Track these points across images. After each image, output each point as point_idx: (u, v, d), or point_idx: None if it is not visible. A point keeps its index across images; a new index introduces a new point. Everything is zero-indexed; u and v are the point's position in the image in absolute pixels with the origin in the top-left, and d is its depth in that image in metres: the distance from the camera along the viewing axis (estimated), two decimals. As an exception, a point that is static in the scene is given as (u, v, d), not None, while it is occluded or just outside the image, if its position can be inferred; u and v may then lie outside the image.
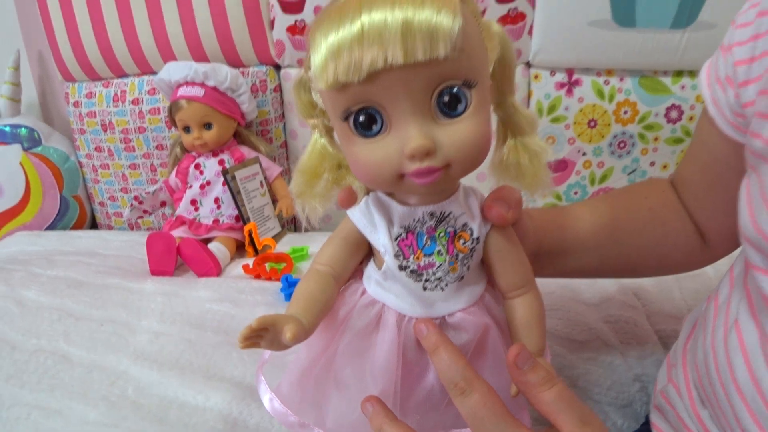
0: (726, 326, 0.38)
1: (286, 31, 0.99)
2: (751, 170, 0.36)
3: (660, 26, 0.99)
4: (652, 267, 0.54)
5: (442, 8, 0.28)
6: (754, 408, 0.34)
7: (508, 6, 0.97)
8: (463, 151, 0.31)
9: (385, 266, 0.36)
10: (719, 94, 0.42)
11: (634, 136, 1.05)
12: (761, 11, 0.38)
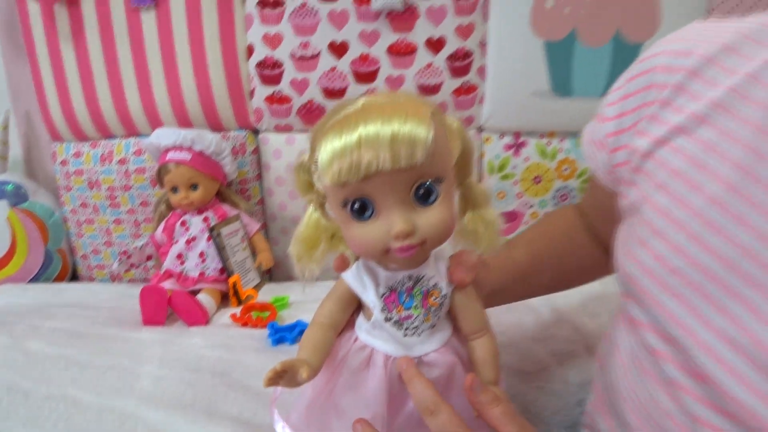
0: (612, 346, 0.52)
1: (265, 100, 1.13)
2: (623, 220, 0.50)
3: (593, 95, 1.17)
4: (575, 280, 0.70)
5: (419, 123, 0.40)
6: (637, 410, 0.47)
7: (461, 79, 1.13)
8: (436, 232, 0.43)
9: (374, 318, 0.48)
10: (596, 154, 0.55)
11: (574, 190, 1.22)
12: (626, 94, 0.52)
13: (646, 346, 0.46)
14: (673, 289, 0.43)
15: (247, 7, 1.09)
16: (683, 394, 0.42)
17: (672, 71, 0.47)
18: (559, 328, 0.89)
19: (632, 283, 0.47)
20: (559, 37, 1.13)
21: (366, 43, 1.10)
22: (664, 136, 0.46)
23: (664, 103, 0.47)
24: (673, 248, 0.43)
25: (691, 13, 1.13)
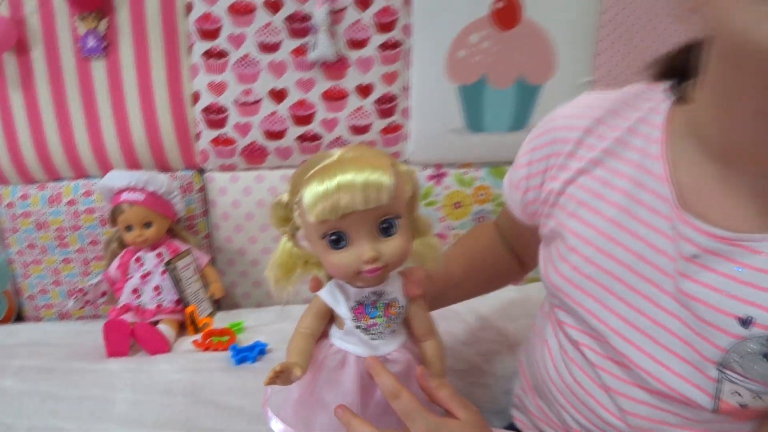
0: (542, 343, 0.68)
1: (210, 142, 1.24)
2: (544, 243, 0.67)
3: (501, 130, 1.36)
4: (496, 284, 0.88)
5: (384, 173, 0.54)
6: (564, 393, 0.63)
7: (388, 120, 1.29)
8: (396, 258, 0.57)
9: (346, 327, 0.62)
10: (513, 194, 0.73)
11: (490, 212, 1.40)
12: (533, 147, 0.68)
13: (571, 341, 0.62)
14: (589, 291, 0.60)
15: (193, 58, 1.20)
16: (602, 373, 0.59)
17: (571, 130, 0.64)
18: (484, 332, 1.05)
19: (557, 290, 0.63)
20: (471, 81, 1.31)
21: (303, 90, 1.24)
22: (570, 177, 0.63)
23: (568, 155, 0.64)
24: (585, 260, 0.60)
25: (580, 61, 1.35)
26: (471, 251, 0.87)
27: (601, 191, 0.61)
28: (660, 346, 0.54)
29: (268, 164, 1.28)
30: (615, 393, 0.57)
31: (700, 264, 0.52)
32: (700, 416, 0.53)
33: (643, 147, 0.58)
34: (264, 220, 1.29)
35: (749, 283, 0.49)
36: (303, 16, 1.19)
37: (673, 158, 0.56)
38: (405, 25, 1.26)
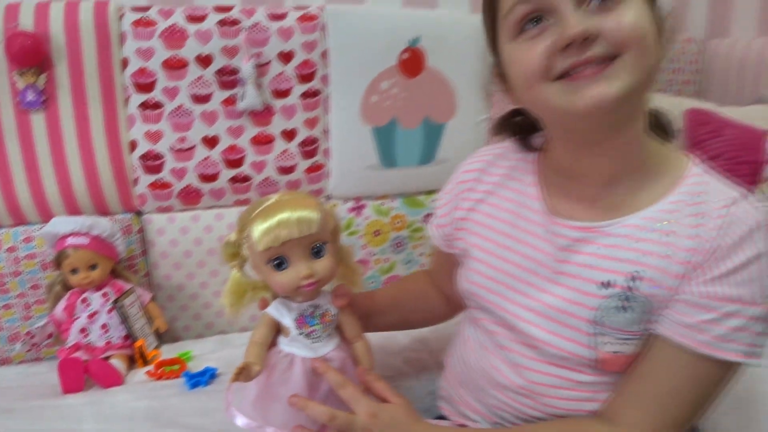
0: (464, 341, 0.86)
1: (148, 186, 1.34)
2: (460, 264, 0.86)
3: (412, 164, 1.55)
4: (422, 321, 1.08)
5: (312, 210, 0.75)
6: (483, 377, 0.81)
7: (311, 160, 1.45)
8: (326, 273, 0.77)
9: (291, 335, 0.79)
10: (435, 232, 0.94)
11: (406, 238, 1.58)
12: (446, 192, 0.90)
13: (485, 332, 0.82)
14: (492, 288, 0.80)
15: (129, 109, 1.31)
16: (509, 353, 0.78)
17: (469, 173, 0.88)
18: (409, 342, 1.23)
19: (471, 293, 0.84)
20: (383, 123, 1.50)
21: (233, 136, 1.37)
22: (471, 206, 0.86)
23: (468, 190, 0.87)
24: (487, 265, 0.81)
25: (477, 101, 1.57)
26: (400, 286, 1.10)
27: (493, 214, 0.83)
28: (549, 320, 0.74)
29: (203, 205, 1.41)
30: (520, 367, 0.76)
31: (571, 250, 0.73)
32: (581, 379, 0.72)
33: (521, 178, 0.82)
34: (201, 256, 1.40)
35: (605, 256, 0.70)
36: (231, 69, 1.34)
37: (543, 184, 0.79)
38: (323, 76, 1.43)
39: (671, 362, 0.68)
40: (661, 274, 0.67)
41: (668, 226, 0.68)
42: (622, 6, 0.61)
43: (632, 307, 0.68)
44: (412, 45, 1.48)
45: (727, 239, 0.65)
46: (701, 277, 0.65)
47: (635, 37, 0.61)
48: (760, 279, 0.65)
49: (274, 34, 1.35)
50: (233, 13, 1.33)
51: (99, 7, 1.26)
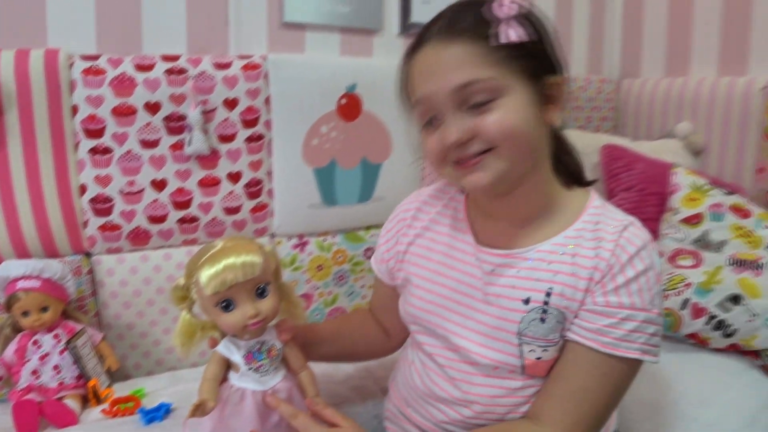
0: (408, 364, 0.98)
1: (98, 229, 1.41)
2: (400, 293, 0.98)
3: (351, 203, 1.67)
4: (363, 354, 1.18)
5: (255, 255, 0.85)
6: (427, 394, 0.93)
7: (256, 201, 1.55)
8: (270, 312, 0.87)
9: (241, 371, 0.88)
10: (379, 266, 1.06)
11: (348, 272, 1.69)
12: (386, 231, 1.03)
13: (426, 354, 0.94)
14: (432, 311, 0.93)
15: (79, 154, 1.37)
16: (449, 370, 0.90)
17: (407, 212, 1.01)
18: (354, 371, 1.33)
19: (413, 317, 0.96)
20: (324, 164, 1.62)
21: (181, 179, 1.46)
22: (410, 240, 0.99)
23: (407, 227, 1.00)
24: (426, 291, 0.94)
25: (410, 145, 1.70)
26: (342, 319, 1.21)
27: (431, 246, 0.97)
28: (481, 335, 0.87)
29: (151, 245, 1.48)
30: (458, 381, 0.89)
31: (495, 274, 0.87)
32: (513, 386, 0.86)
33: (453, 215, 0.96)
34: (150, 295, 1.47)
35: (524, 277, 0.85)
36: (179, 116, 1.43)
37: (471, 220, 0.94)
38: (266, 121, 1.54)
39: (582, 363, 0.82)
40: (570, 289, 0.82)
41: (573, 249, 0.84)
42: (494, 107, 0.76)
43: (549, 318, 0.82)
44: (350, 91, 1.61)
45: (621, 258, 0.81)
46: (601, 290, 0.81)
47: (504, 134, 0.77)
48: (649, 289, 0.81)
49: (219, 82, 1.45)
50: (180, 62, 1.42)
51: (49, 56, 1.33)
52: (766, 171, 1.91)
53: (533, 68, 0.79)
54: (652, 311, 0.81)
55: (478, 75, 0.76)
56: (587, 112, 2.35)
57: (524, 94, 0.78)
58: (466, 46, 0.77)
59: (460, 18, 0.80)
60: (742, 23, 2.06)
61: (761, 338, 1.27)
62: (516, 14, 0.77)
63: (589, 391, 0.82)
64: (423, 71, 0.81)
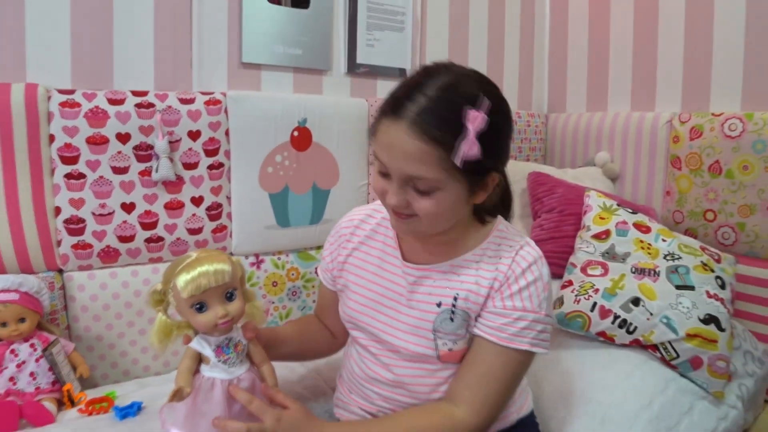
0: (348, 357, 1.18)
1: (71, 247, 1.56)
2: (340, 297, 1.19)
3: (303, 224, 1.87)
4: (314, 352, 1.37)
5: (225, 264, 1.04)
6: (365, 380, 1.13)
7: (216, 222, 1.73)
8: (237, 313, 1.06)
9: (211, 363, 1.06)
10: (324, 274, 1.27)
11: (301, 288, 1.88)
12: (330, 243, 1.24)
13: (362, 346, 1.14)
14: (365, 312, 1.14)
15: (55, 179, 1.53)
16: (381, 357, 1.10)
17: (347, 228, 1.22)
18: (307, 372, 1.52)
19: (350, 318, 1.15)
20: (278, 190, 1.82)
21: (148, 203, 1.64)
22: (348, 252, 1.19)
23: (347, 241, 1.20)
24: (360, 296, 1.14)
25: (357, 170, 1.92)
26: (296, 323, 1.38)
27: (366, 258, 1.18)
28: (405, 332, 1.08)
29: (120, 262, 1.64)
30: (390, 365, 1.09)
31: (417, 284, 1.09)
32: (432, 368, 1.07)
33: (385, 233, 1.17)
34: (119, 309, 1.62)
35: (437, 286, 1.07)
36: (147, 145, 1.61)
37: (399, 240, 1.15)
38: (226, 151, 1.74)
39: (485, 353, 1.04)
40: (473, 294, 1.05)
41: (477, 264, 1.07)
42: (430, 196, 0.95)
43: (456, 317, 1.04)
44: (301, 124, 1.83)
45: (515, 271, 1.04)
46: (500, 296, 1.04)
47: (428, 216, 0.97)
48: (537, 295, 1.04)
49: (184, 116, 1.65)
50: (149, 97, 1.61)
51: (29, 89, 1.49)
52: (673, 194, 2.21)
53: (475, 173, 0.96)
54: (540, 313, 1.03)
55: (427, 174, 0.92)
56: (518, 143, 2.63)
57: (459, 189, 0.96)
58: (429, 148, 0.91)
59: (436, 117, 0.91)
60: (650, 67, 2.38)
61: (657, 333, 1.51)
62: (482, 128, 0.90)
63: (493, 375, 1.03)
64: (389, 144, 0.94)
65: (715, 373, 1.50)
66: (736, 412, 1.56)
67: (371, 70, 2.15)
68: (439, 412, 1.05)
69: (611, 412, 1.37)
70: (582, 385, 1.45)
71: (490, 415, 1.04)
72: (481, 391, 1.03)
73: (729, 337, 1.55)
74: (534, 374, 1.45)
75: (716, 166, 2.05)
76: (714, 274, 1.64)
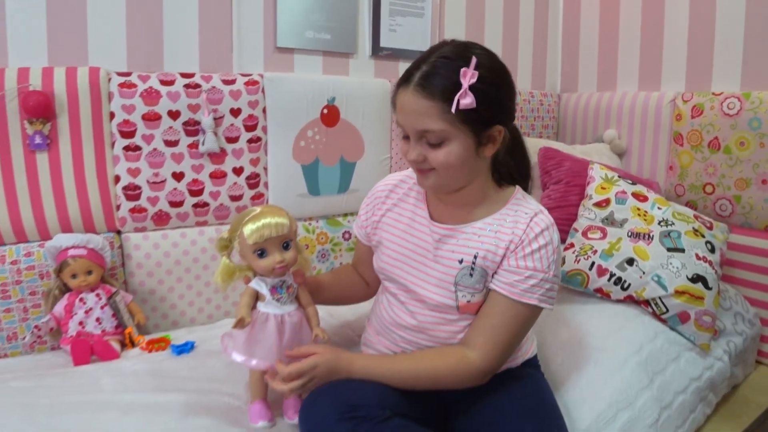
0: (378, 304, 1.38)
1: (128, 211, 1.79)
2: (374, 252, 1.39)
3: (332, 193, 2.07)
4: (351, 298, 1.56)
5: (284, 217, 1.25)
6: (392, 324, 1.33)
7: (255, 190, 1.94)
8: (291, 260, 1.26)
9: (267, 300, 1.26)
10: (359, 231, 1.46)
11: (329, 250, 2.09)
12: (366, 204, 1.43)
13: (392, 294, 1.34)
14: (396, 265, 1.32)
15: (115, 151, 1.75)
16: (407, 305, 1.29)
17: (383, 191, 1.40)
18: (338, 325, 1.72)
19: (382, 270, 1.35)
20: (309, 162, 2.02)
21: (195, 172, 1.85)
22: (383, 213, 1.38)
23: (381, 203, 1.39)
24: (392, 251, 1.33)
25: (380, 144, 2.12)
26: (335, 273, 1.58)
27: (398, 218, 1.36)
28: (430, 284, 1.26)
29: (170, 225, 1.86)
30: (414, 313, 1.28)
31: (442, 242, 1.27)
32: (451, 318, 1.25)
33: (416, 197, 1.35)
34: (169, 266, 1.84)
35: (460, 245, 1.24)
36: (194, 121, 1.82)
37: (428, 202, 1.32)
38: (263, 126, 1.94)
39: (498, 306, 1.21)
40: (491, 254, 1.22)
41: (496, 227, 1.24)
42: (442, 147, 1.14)
43: (475, 273, 1.22)
44: (330, 103, 2.02)
45: (529, 235, 1.21)
46: (514, 256, 1.20)
47: (441, 167, 1.15)
48: (547, 258, 1.20)
49: (226, 95, 1.85)
50: (195, 78, 1.82)
51: (92, 72, 1.71)
52: (675, 168, 2.37)
53: (476, 124, 1.13)
54: (549, 273, 1.20)
55: (434, 127, 1.12)
56: (531, 121, 2.80)
57: (465, 141, 1.13)
58: (432, 103, 1.11)
59: (435, 79, 1.11)
60: (656, 49, 2.53)
61: (648, 290, 1.69)
62: (475, 83, 1.08)
63: (503, 325, 1.21)
64: (402, 106, 1.16)
65: (702, 327, 1.67)
66: (722, 364, 1.74)
67: (394, 53, 2.34)
68: (455, 353, 1.22)
69: (604, 356, 1.55)
70: (579, 334, 1.64)
71: (499, 359, 1.21)
72: (493, 338, 1.20)
73: (715, 296, 1.72)
74: (539, 324, 1.61)
75: (715, 142, 2.21)
76: (704, 239, 1.81)
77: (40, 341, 1.70)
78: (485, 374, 1.21)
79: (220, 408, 1.30)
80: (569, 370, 1.53)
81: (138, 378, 1.43)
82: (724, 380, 1.77)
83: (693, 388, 1.60)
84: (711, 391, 1.69)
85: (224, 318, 1.94)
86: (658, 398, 1.49)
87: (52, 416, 1.22)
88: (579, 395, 1.45)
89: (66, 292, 1.68)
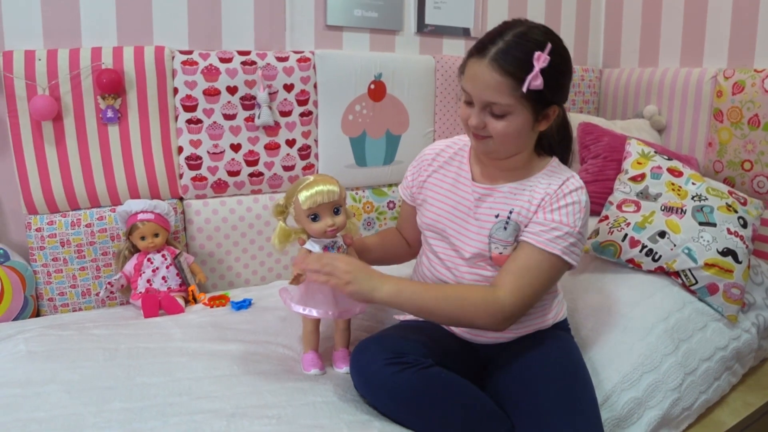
0: (420, 263, 1.51)
1: (190, 179, 1.94)
2: (418, 210, 1.52)
3: (378, 164, 2.20)
4: (395, 258, 1.69)
5: (335, 185, 1.38)
6: (431, 279, 1.46)
7: (306, 161, 2.08)
8: (341, 225, 1.40)
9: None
10: (404, 191, 1.58)
11: (374, 218, 2.22)
12: (412, 167, 1.56)
13: (433, 252, 1.47)
14: (440, 221, 1.44)
15: (178, 124, 1.90)
16: (446, 261, 1.42)
17: (429, 155, 1.53)
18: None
19: (426, 225, 1.48)
20: (357, 135, 2.15)
21: (251, 144, 1.99)
22: (429, 174, 1.50)
23: (427, 165, 1.51)
24: (437, 207, 1.46)
25: (425, 119, 2.23)
26: (380, 235, 1.71)
27: (442, 179, 1.47)
28: (468, 237, 1.38)
29: (228, 193, 2.02)
30: (452, 268, 1.41)
31: (481, 200, 1.38)
32: (485, 274, 1.37)
33: (460, 160, 1.46)
34: (227, 231, 2.00)
35: (497, 202, 1.36)
36: (251, 96, 1.96)
37: (471, 164, 1.44)
38: (314, 101, 2.07)
39: (525, 252, 1.32)
40: (525, 210, 1.34)
41: (531, 188, 1.35)
42: (503, 119, 1.23)
43: (509, 227, 1.34)
44: (377, 78, 2.14)
45: (559, 194, 1.32)
46: (542, 211, 1.32)
47: (499, 136, 1.25)
48: (574, 214, 1.31)
49: (280, 71, 1.98)
50: (251, 56, 1.95)
51: (158, 51, 1.86)
52: (714, 145, 2.42)
53: (539, 103, 1.23)
54: (574, 229, 1.30)
55: (501, 100, 1.21)
56: (572, 96, 2.86)
57: (525, 116, 1.24)
58: (504, 79, 1.19)
59: (511, 56, 1.19)
60: (698, 25, 2.56)
61: (679, 262, 1.77)
62: (546, 66, 1.17)
63: (528, 270, 1.31)
64: (473, 76, 1.24)
65: (730, 299, 1.75)
66: (749, 336, 1.81)
67: (438, 29, 2.43)
68: (483, 289, 1.32)
69: (632, 323, 1.65)
70: (609, 302, 1.73)
71: (523, 301, 1.30)
72: (518, 279, 1.30)
73: (745, 269, 1.79)
74: (570, 292, 1.75)
75: (755, 119, 2.25)
76: (737, 214, 1.88)
77: (111, 297, 1.88)
78: (506, 315, 1.27)
79: (277, 357, 1.46)
80: (598, 335, 1.63)
81: (203, 329, 1.59)
82: (752, 352, 1.84)
83: (718, 356, 1.68)
84: (737, 361, 1.76)
85: (276, 280, 2.09)
86: (683, 364, 1.58)
87: (131, 359, 1.39)
88: (606, 357, 1.55)
89: (135, 253, 1.85)
